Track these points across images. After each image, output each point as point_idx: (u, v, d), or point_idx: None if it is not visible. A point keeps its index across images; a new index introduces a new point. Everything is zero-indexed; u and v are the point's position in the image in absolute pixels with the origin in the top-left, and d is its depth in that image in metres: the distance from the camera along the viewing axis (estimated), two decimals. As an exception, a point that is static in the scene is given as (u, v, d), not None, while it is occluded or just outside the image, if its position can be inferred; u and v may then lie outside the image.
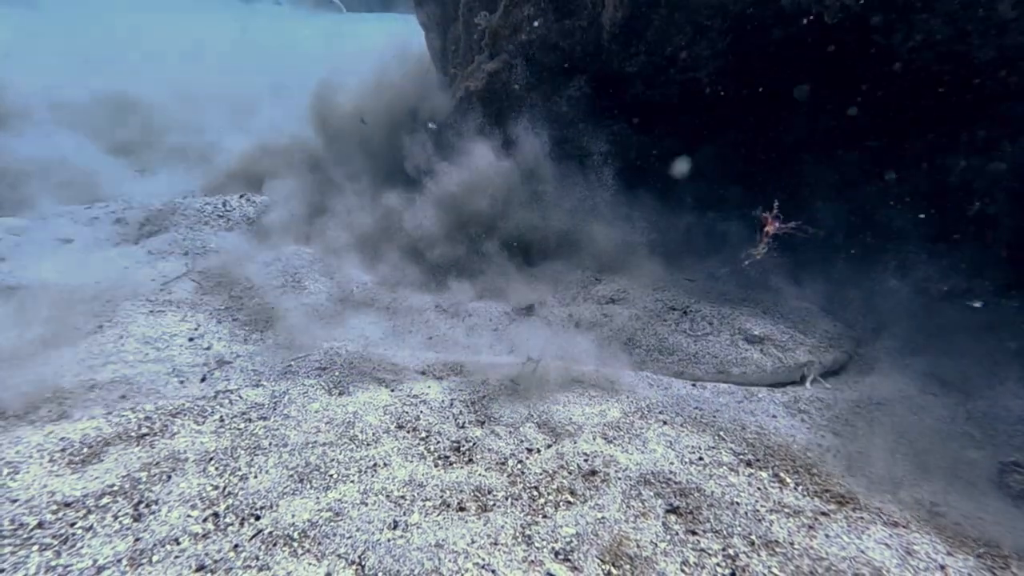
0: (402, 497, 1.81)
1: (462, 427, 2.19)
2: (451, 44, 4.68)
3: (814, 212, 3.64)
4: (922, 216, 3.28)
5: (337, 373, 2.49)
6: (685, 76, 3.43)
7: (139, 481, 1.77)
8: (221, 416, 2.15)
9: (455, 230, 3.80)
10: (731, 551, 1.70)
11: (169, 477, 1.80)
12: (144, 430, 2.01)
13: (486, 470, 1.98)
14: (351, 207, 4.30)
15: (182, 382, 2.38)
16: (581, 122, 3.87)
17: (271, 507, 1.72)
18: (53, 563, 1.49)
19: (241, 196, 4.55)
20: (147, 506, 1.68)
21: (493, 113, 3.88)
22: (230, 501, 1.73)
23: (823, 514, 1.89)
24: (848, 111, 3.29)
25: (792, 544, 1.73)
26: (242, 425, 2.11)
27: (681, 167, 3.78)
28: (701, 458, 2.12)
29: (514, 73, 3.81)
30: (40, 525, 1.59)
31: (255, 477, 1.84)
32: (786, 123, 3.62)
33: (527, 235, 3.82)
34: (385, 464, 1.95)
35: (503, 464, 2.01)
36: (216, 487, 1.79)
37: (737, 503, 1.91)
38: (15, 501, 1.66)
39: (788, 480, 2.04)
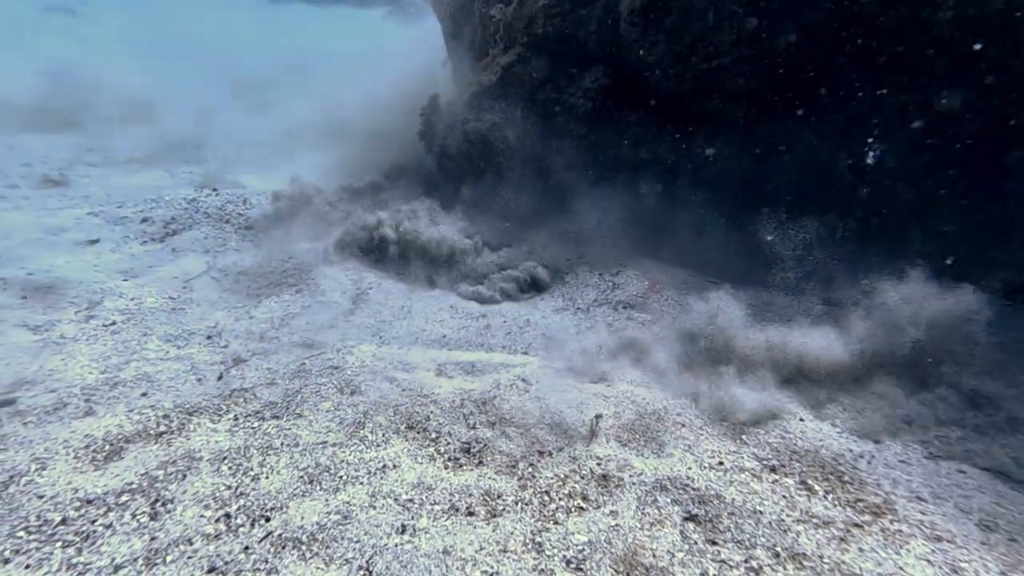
0: (410, 500, 1.75)
1: (473, 428, 2.11)
2: (466, 37, 4.53)
3: (843, 201, 3.34)
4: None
5: (349, 372, 2.45)
6: (707, 64, 3.18)
7: (156, 480, 1.77)
8: (236, 415, 2.15)
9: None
10: (754, 563, 1.57)
11: (184, 476, 1.80)
12: (162, 428, 2.02)
13: (496, 473, 1.90)
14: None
15: (199, 380, 2.39)
16: (597, 114, 3.66)
17: (281, 508, 1.69)
18: (75, 560, 1.50)
19: (260, 194, 4.58)
20: (163, 505, 1.68)
21: (507, 108, 3.71)
22: (242, 502, 1.71)
23: (856, 525, 1.73)
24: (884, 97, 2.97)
25: (821, 557, 1.58)
26: (255, 424, 2.10)
27: (703, 158, 3.53)
28: (721, 463, 1.97)
29: (529, 66, 3.63)
30: (64, 521, 1.61)
31: (266, 477, 1.82)
32: (812, 112, 3.31)
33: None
34: (394, 466, 1.90)
35: (513, 467, 1.93)
36: (229, 487, 1.77)
37: (760, 512, 1.77)
38: (41, 497, 1.68)
39: (817, 488, 1.87)
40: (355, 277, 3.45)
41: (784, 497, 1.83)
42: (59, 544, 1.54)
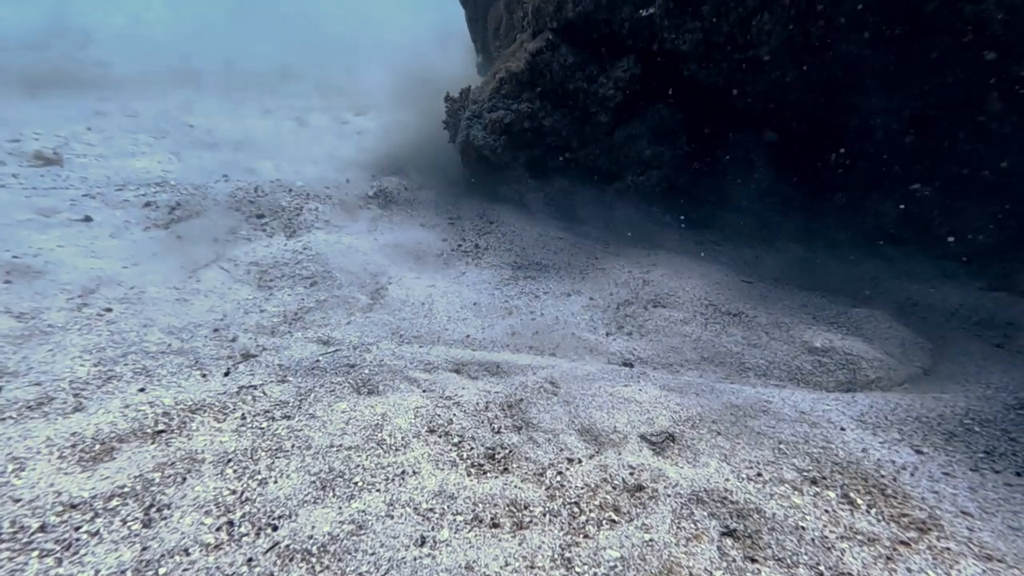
0: (431, 510, 1.57)
1: (497, 432, 1.94)
2: (492, 24, 4.40)
3: (878, 209, 3.24)
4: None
5: (367, 370, 2.28)
6: (744, 54, 2.99)
7: (152, 483, 1.57)
8: (243, 414, 1.95)
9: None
10: (801, 585, 1.42)
11: (184, 479, 1.60)
12: (161, 427, 1.82)
13: (522, 481, 1.73)
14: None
15: (204, 376, 2.19)
16: (629, 106, 3.47)
17: (290, 516, 1.50)
18: (53, 572, 1.29)
19: (275, 181, 4.37)
20: (158, 511, 1.48)
21: (535, 97, 3.48)
22: (247, 508, 1.52)
23: (902, 543, 1.59)
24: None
25: (871, 579, 1.44)
26: (264, 424, 1.90)
27: (739, 154, 3.42)
28: (760, 474, 1.83)
29: (558, 53, 3.42)
30: (43, 528, 1.40)
31: (275, 482, 1.63)
32: (857, 108, 3.12)
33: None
34: (414, 472, 1.72)
35: (541, 475, 1.76)
36: (233, 492, 1.57)
37: (803, 527, 1.62)
38: (18, 500, 1.47)
39: (860, 502, 1.73)
40: (374, 271, 3.27)
41: (827, 512, 1.69)
42: (36, 553, 1.33)
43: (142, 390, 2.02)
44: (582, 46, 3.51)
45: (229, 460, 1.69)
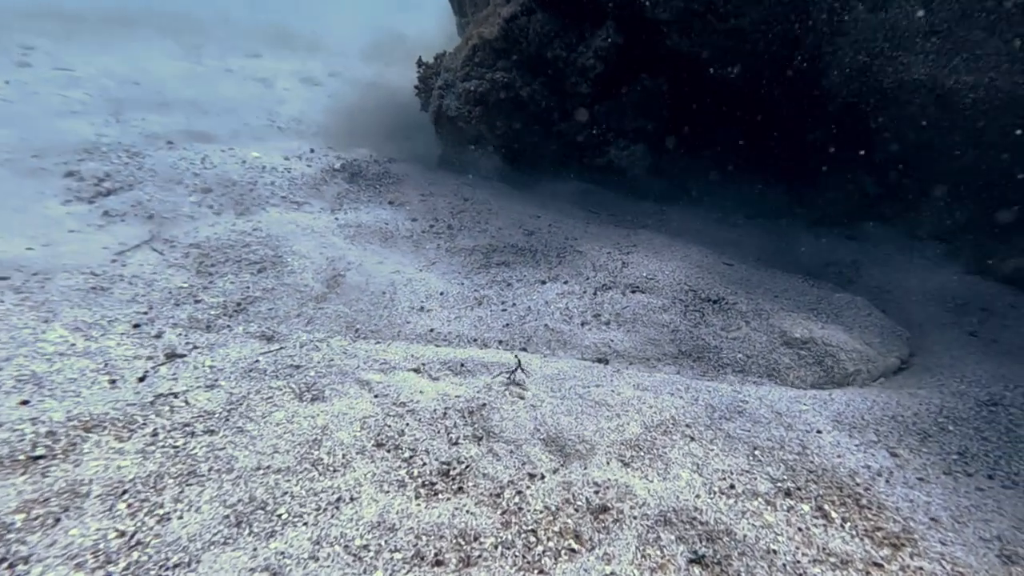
0: (365, 547, 1.30)
1: (455, 444, 1.66)
2: None
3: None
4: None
5: (312, 372, 1.93)
6: (726, 24, 2.66)
7: (9, 529, 1.23)
8: (155, 429, 1.60)
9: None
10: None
11: (57, 520, 1.26)
12: (40, 451, 1.45)
13: (476, 504, 1.47)
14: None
15: (113, 382, 1.80)
16: (610, 76, 3.08)
17: (189, 565, 1.20)
18: None
19: (227, 151, 3.74)
20: (10, 567, 1.15)
21: (510, 66, 3.07)
22: (135, 556, 1.21)
23: (876, 564, 1.43)
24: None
25: (847, 610, 1.27)
26: (180, 442, 1.56)
27: (722, 130, 3.07)
28: (732, 486, 1.63)
29: (534, 19, 2.99)
30: None
31: (179, 518, 1.31)
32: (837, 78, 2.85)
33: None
34: (352, 498, 1.43)
35: (498, 496, 1.50)
36: (121, 533, 1.25)
37: (774, 551, 1.43)
38: None
39: (834, 515, 1.57)
40: (332, 255, 2.83)
41: (800, 530, 1.51)
42: None
43: (25, 403, 1.63)
44: (560, 12, 3.06)
45: (124, 492, 1.36)
